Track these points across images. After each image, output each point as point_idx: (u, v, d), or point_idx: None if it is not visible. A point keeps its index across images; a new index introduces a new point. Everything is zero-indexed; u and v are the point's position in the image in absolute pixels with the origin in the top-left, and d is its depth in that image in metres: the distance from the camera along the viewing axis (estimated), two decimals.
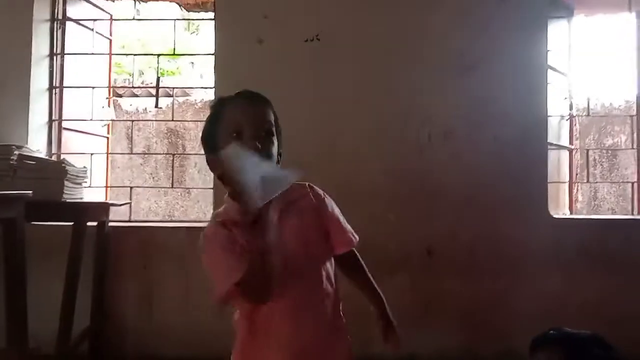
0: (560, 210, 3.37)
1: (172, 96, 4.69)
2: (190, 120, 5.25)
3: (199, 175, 5.15)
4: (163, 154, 5.14)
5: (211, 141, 1.30)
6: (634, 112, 3.68)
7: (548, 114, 3.08)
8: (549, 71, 3.14)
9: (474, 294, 2.93)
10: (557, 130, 3.43)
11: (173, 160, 4.23)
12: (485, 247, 2.96)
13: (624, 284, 2.94)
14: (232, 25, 3.10)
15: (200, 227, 1.31)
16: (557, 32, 3.41)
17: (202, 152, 1.36)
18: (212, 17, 3.20)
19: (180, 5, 3.80)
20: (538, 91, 3.04)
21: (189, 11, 3.86)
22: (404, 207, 2.98)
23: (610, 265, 2.95)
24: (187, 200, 5.31)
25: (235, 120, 1.26)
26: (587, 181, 4.58)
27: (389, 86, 3.03)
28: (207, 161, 1.33)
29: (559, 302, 2.88)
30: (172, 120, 4.63)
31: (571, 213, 3.51)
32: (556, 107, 3.34)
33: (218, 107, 1.33)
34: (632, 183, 3.51)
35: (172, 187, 4.28)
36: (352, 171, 2.97)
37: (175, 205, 5.33)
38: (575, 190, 3.59)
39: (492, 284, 2.95)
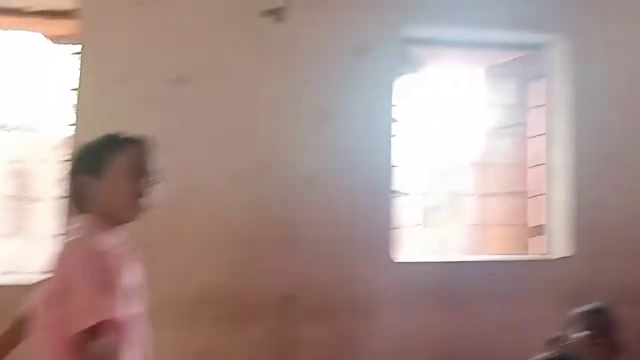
0: (407, 253, 3.63)
1: (21, 131, 4.36)
2: (41, 160, 4.89)
3: (50, 220, 4.76)
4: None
5: (99, 166, 1.45)
6: (474, 160, 4.13)
7: (394, 164, 3.34)
8: (397, 123, 3.42)
9: (330, 340, 3.03)
10: (404, 178, 3.73)
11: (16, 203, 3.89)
12: (341, 292, 3.10)
13: (464, 321, 3.22)
14: (97, 62, 3.00)
15: (35, 284, 1.23)
16: (408, 85, 3.75)
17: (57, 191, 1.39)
18: (78, 52, 3.05)
19: (45, 37, 3.58)
20: (385, 142, 3.31)
21: (54, 43, 3.64)
22: (264, 253, 3.02)
23: (451, 304, 3.22)
24: (34, 248, 4.86)
25: (144, 167, 1.51)
26: (432, 225, 4.99)
27: (253, 132, 3.10)
28: (82, 182, 1.44)
29: (407, 342, 3.09)
30: (20, 160, 4.30)
31: (418, 256, 3.80)
32: (403, 156, 3.64)
33: (128, 142, 1.52)
34: (473, 225, 3.88)
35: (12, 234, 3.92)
36: (212, 218, 2.97)
37: (19, 254, 4.85)
38: (421, 234, 3.90)
39: (347, 328, 3.08)
